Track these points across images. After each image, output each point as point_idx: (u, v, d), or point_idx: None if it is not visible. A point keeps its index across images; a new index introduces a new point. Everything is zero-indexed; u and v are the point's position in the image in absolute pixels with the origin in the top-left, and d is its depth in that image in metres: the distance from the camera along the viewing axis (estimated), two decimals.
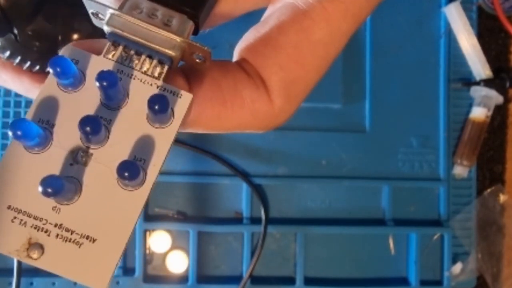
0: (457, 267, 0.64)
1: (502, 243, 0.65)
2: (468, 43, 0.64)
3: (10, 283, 0.53)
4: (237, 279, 0.61)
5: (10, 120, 0.61)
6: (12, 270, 0.53)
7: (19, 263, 0.53)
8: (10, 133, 0.20)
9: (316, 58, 0.24)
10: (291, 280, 0.62)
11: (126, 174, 0.20)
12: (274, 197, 0.63)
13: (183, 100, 0.22)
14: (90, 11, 0.23)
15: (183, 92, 0.23)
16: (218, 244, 0.62)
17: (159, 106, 0.21)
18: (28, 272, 0.58)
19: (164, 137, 0.22)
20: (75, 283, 0.59)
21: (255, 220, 0.62)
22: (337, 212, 0.64)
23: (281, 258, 0.63)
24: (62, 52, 0.22)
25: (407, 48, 0.65)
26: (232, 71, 0.24)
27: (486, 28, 0.66)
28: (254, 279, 0.62)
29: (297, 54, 0.24)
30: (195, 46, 0.22)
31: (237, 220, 0.62)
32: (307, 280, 0.62)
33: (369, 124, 0.64)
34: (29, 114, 0.22)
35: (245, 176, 0.62)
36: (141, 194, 0.22)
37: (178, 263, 0.61)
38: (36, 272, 0.59)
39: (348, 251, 0.64)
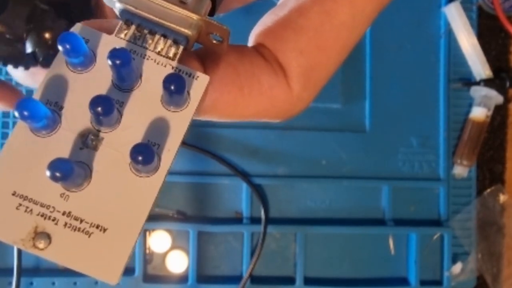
0: (457, 267, 0.64)
1: (502, 243, 0.65)
2: (468, 43, 0.64)
3: (10, 283, 0.52)
4: (237, 279, 0.61)
5: (10, 120, 0.60)
6: (12, 269, 0.52)
7: (19, 262, 0.52)
8: (16, 114, 0.18)
9: (338, 42, 0.23)
10: (291, 280, 0.62)
11: (140, 158, 0.19)
12: (274, 197, 0.63)
13: (200, 82, 0.21)
14: None
15: (199, 73, 0.21)
16: (218, 244, 0.62)
17: (176, 86, 0.20)
18: (28, 271, 0.57)
19: (179, 121, 0.21)
20: (75, 283, 0.58)
21: (255, 220, 0.62)
22: (337, 212, 0.64)
23: (281, 258, 0.63)
24: (71, 30, 0.21)
25: (407, 48, 0.65)
26: (249, 56, 0.23)
27: (486, 28, 0.66)
28: (254, 279, 0.61)
29: (319, 38, 0.23)
30: (213, 24, 0.21)
31: (237, 220, 0.62)
32: (307, 280, 0.61)
33: (369, 124, 0.64)
34: (37, 95, 0.20)
35: (245, 176, 0.62)
36: (155, 181, 0.20)
37: (178, 263, 0.60)
38: (36, 272, 0.57)
39: (348, 251, 0.64)
